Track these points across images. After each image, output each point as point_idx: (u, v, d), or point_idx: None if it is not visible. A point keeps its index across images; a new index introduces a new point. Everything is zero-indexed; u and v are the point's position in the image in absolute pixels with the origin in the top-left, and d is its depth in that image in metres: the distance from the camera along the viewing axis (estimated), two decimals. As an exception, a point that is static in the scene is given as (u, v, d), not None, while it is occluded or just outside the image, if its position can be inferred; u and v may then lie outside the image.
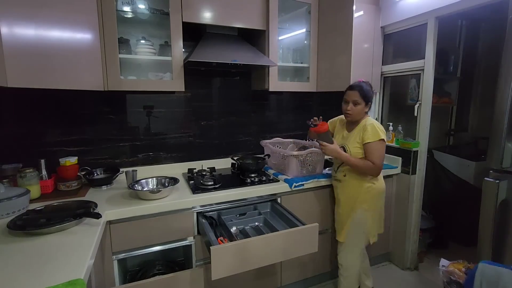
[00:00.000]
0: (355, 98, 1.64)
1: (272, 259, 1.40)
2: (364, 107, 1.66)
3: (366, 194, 1.70)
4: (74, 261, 0.98)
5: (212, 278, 1.25)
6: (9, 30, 1.31)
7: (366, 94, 1.64)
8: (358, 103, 1.64)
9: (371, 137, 1.60)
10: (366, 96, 1.64)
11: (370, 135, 1.60)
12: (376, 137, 1.60)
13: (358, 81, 1.69)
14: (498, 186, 1.43)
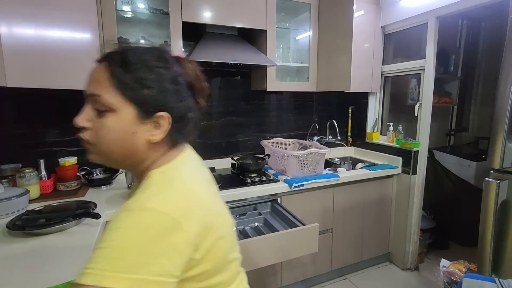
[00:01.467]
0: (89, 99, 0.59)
1: (272, 260, 1.39)
2: (150, 130, 0.59)
3: None
4: (74, 261, 0.98)
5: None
6: (9, 30, 1.31)
7: (126, 87, 0.56)
8: (99, 113, 0.57)
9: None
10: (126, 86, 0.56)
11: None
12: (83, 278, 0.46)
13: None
14: (499, 186, 1.42)
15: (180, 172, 0.59)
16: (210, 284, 0.57)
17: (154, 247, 0.45)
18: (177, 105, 0.60)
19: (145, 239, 0.45)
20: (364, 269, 2.36)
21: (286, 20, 2.31)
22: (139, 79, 0.55)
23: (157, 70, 0.57)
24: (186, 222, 0.49)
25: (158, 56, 0.58)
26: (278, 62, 2.11)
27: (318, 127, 2.60)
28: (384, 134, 2.56)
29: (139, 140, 0.58)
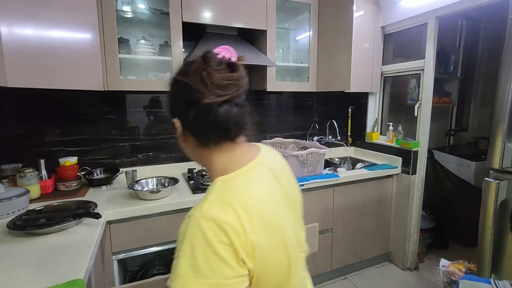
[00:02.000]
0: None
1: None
2: (179, 134, 0.65)
3: None
4: (74, 261, 0.98)
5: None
6: (9, 30, 1.31)
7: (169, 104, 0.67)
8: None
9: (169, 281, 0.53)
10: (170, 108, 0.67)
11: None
12: (170, 281, 0.52)
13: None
14: (498, 186, 1.43)
15: (240, 185, 0.58)
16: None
17: (220, 252, 0.49)
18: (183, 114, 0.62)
19: (210, 246, 0.49)
20: (364, 269, 2.36)
21: (286, 20, 2.31)
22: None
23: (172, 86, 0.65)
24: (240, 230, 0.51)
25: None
26: (278, 62, 2.11)
27: (318, 127, 2.60)
28: (384, 134, 2.56)
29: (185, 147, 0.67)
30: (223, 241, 0.50)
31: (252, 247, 0.52)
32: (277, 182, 0.64)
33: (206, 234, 0.50)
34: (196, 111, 0.59)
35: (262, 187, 0.60)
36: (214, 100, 0.57)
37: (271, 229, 0.57)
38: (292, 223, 0.65)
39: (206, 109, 0.58)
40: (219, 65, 0.60)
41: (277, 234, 0.58)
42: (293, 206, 0.68)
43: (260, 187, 0.60)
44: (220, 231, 0.50)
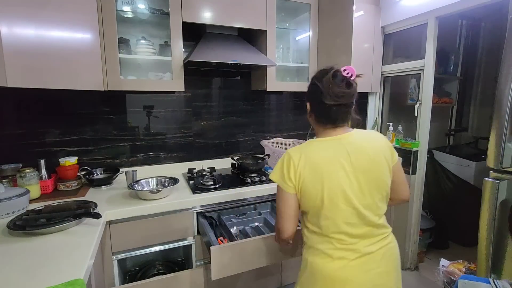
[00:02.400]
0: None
1: (272, 260, 1.39)
2: (308, 113, 1.10)
3: (301, 271, 1.04)
4: (74, 261, 0.98)
5: (212, 278, 1.26)
6: (9, 30, 1.31)
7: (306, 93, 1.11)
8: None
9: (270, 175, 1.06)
10: (306, 94, 1.11)
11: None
12: (270, 174, 1.04)
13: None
14: (498, 186, 1.43)
15: (311, 145, 1.00)
16: (314, 219, 0.97)
17: (285, 168, 0.97)
18: (311, 97, 1.07)
19: (283, 164, 0.99)
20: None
21: (286, 20, 2.31)
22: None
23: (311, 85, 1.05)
24: (295, 163, 0.96)
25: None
26: (278, 62, 2.11)
27: (318, 127, 2.60)
28: (384, 134, 2.56)
29: (309, 119, 1.11)
30: (288, 164, 0.97)
31: (299, 175, 0.95)
32: (346, 154, 0.95)
33: (284, 158, 0.99)
34: (320, 105, 0.99)
35: (326, 151, 0.97)
36: (331, 103, 0.94)
37: (315, 172, 0.94)
38: (341, 180, 0.93)
39: (325, 105, 0.96)
40: (341, 82, 0.94)
41: (318, 177, 0.93)
42: (356, 174, 0.94)
43: (324, 150, 0.97)
44: (289, 160, 0.97)
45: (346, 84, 0.94)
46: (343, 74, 0.94)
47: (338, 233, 0.94)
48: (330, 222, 0.93)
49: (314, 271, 0.97)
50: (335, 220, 0.93)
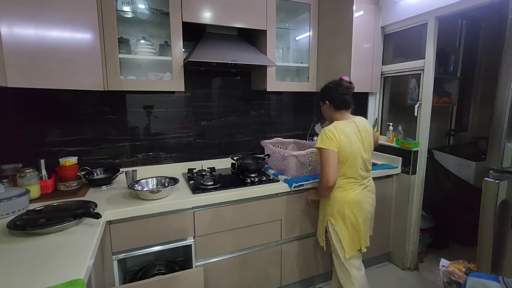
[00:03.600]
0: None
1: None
2: (325, 106, 1.66)
3: (329, 206, 1.64)
4: (74, 261, 0.98)
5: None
6: (9, 30, 1.31)
7: (320, 94, 1.69)
8: (320, 105, 1.72)
9: (316, 145, 1.59)
10: (321, 94, 1.69)
11: (316, 142, 1.59)
12: (316, 144, 1.57)
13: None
14: (498, 186, 1.42)
15: (338, 124, 1.58)
16: (343, 169, 1.58)
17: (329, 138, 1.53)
18: (329, 97, 1.64)
19: (326, 135, 1.54)
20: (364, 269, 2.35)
21: (286, 20, 2.31)
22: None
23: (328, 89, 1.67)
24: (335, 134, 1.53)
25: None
26: (278, 62, 2.11)
27: (318, 127, 2.60)
28: (383, 134, 2.56)
29: (326, 111, 1.69)
30: (331, 135, 1.52)
31: (339, 142, 1.52)
32: (357, 130, 1.60)
33: (325, 133, 1.54)
34: (338, 98, 1.61)
35: (348, 127, 1.58)
36: (344, 93, 1.61)
37: (346, 138, 1.53)
38: (358, 144, 1.58)
39: (341, 96, 1.60)
40: (346, 82, 1.63)
41: (348, 141, 1.54)
42: (362, 142, 1.60)
43: (347, 127, 1.57)
44: (330, 132, 1.53)
45: (349, 83, 1.63)
46: (344, 79, 1.65)
47: (356, 175, 1.60)
48: (353, 169, 1.58)
49: (342, 200, 1.60)
50: (356, 167, 1.59)
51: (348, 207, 1.60)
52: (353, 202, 1.61)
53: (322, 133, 1.55)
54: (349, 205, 1.60)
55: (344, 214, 1.61)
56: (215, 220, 1.69)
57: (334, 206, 1.62)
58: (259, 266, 1.87)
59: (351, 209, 1.60)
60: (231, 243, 1.76)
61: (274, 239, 1.89)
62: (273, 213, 1.85)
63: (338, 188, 1.61)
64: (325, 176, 1.53)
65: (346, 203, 1.60)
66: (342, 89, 1.59)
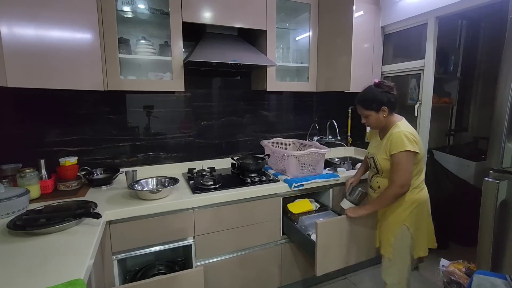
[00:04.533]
0: (361, 112, 1.58)
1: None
2: (379, 114, 1.51)
3: (407, 210, 1.53)
4: (74, 261, 0.98)
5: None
6: (9, 30, 1.31)
7: (370, 103, 1.52)
8: (367, 115, 1.55)
9: (394, 148, 1.45)
10: (371, 104, 1.52)
11: (393, 145, 1.45)
12: (399, 147, 1.43)
13: (370, 85, 1.59)
14: (498, 186, 1.42)
15: (405, 124, 1.55)
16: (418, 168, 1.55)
17: (409, 139, 1.45)
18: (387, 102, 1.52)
19: (410, 137, 1.46)
20: (364, 269, 2.36)
21: (286, 20, 2.31)
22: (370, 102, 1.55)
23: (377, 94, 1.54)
24: (415, 135, 1.49)
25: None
26: (278, 62, 2.11)
27: (318, 127, 2.60)
28: (384, 134, 2.55)
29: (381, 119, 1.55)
30: (413, 138, 1.46)
31: (419, 143, 1.48)
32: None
33: (406, 136, 1.44)
34: (393, 103, 1.53)
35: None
36: (395, 93, 1.53)
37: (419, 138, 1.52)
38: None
39: (395, 96, 1.53)
40: (389, 83, 1.54)
41: (419, 139, 1.51)
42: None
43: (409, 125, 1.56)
44: (411, 135, 1.46)
45: (389, 82, 1.56)
46: (379, 81, 1.57)
47: (423, 173, 1.61)
48: (422, 166, 1.58)
49: (423, 199, 1.58)
50: (423, 164, 1.62)
51: (426, 206, 1.59)
52: (428, 199, 1.61)
53: (403, 136, 1.43)
54: (428, 204, 1.59)
55: (424, 213, 1.57)
56: (215, 220, 1.69)
57: (414, 208, 1.53)
58: (259, 266, 1.87)
59: (428, 208, 1.60)
60: (231, 243, 1.76)
61: (274, 239, 1.89)
62: (273, 213, 1.85)
63: (416, 189, 1.55)
64: (401, 181, 1.44)
65: (426, 202, 1.58)
66: (391, 89, 1.51)
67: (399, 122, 1.53)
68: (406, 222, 1.53)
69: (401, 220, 1.54)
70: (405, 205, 1.53)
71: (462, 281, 1.76)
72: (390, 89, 1.51)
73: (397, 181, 1.45)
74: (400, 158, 1.44)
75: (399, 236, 1.55)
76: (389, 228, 1.59)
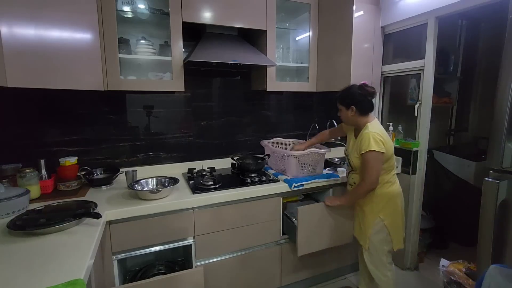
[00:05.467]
0: (338, 105, 1.69)
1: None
2: (349, 112, 1.62)
3: (380, 203, 1.65)
4: (74, 261, 0.98)
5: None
6: (9, 30, 1.31)
7: (343, 99, 1.65)
8: (339, 109, 1.68)
9: (363, 148, 1.55)
10: (344, 100, 1.64)
11: (362, 146, 1.56)
12: (366, 147, 1.54)
13: (354, 84, 1.69)
14: (498, 186, 1.42)
15: (375, 124, 1.62)
16: (387, 165, 1.62)
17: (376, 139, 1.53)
18: (357, 103, 1.61)
19: (377, 138, 1.54)
20: (364, 269, 2.35)
21: (286, 20, 2.31)
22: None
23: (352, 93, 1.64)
24: (385, 139, 1.58)
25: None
26: (278, 62, 2.11)
27: (318, 127, 2.60)
28: (384, 134, 2.55)
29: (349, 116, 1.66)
30: (380, 137, 1.54)
31: (385, 142, 1.56)
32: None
33: (373, 137, 1.53)
34: (365, 102, 1.60)
35: (380, 125, 1.66)
36: (371, 98, 1.62)
37: (386, 135, 1.60)
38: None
39: (369, 101, 1.61)
40: (370, 88, 1.61)
41: (388, 137, 1.60)
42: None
43: (380, 125, 1.65)
44: (378, 135, 1.55)
45: (371, 87, 1.61)
46: (366, 83, 1.63)
47: (394, 168, 1.68)
48: (393, 162, 1.66)
49: (394, 193, 1.66)
50: (393, 160, 1.66)
51: (399, 199, 1.69)
52: (400, 193, 1.71)
53: (370, 137, 1.53)
54: (400, 197, 1.70)
55: (397, 206, 1.67)
56: (215, 220, 1.69)
57: (386, 202, 1.65)
58: (259, 266, 1.87)
59: (401, 201, 1.70)
60: (231, 243, 1.76)
61: (274, 239, 1.89)
62: (273, 213, 1.85)
63: (386, 183, 1.65)
64: (371, 179, 1.55)
65: (398, 195, 1.68)
66: (369, 94, 1.60)
67: (370, 123, 1.61)
68: (381, 214, 1.65)
69: (375, 212, 1.66)
70: (378, 198, 1.65)
71: (462, 281, 1.76)
72: (368, 94, 1.60)
73: (366, 179, 1.57)
74: (368, 157, 1.55)
75: (375, 228, 1.67)
76: (365, 220, 1.70)
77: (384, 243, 1.68)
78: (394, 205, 1.67)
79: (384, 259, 1.70)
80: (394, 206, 1.67)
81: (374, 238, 1.68)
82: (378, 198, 1.65)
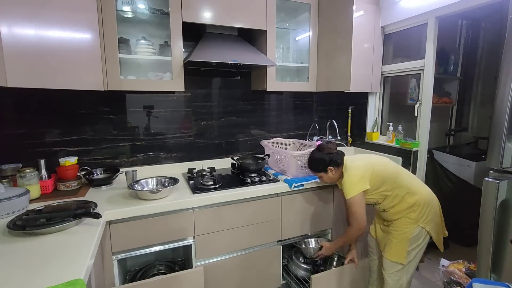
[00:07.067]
0: (315, 174, 1.72)
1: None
2: (330, 173, 1.63)
3: (413, 213, 1.57)
4: (74, 261, 0.98)
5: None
6: (9, 30, 1.31)
7: (317, 167, 1.66)
8: (319, 176, 1.70)
9: (345, 195, 1.59)
10: (318, 167, 1.65)
11: (344, 193, 1.59)
12: (346, 195, 1.57)
13: (313, 149, 1.73)
14: (498, 186, 1.42)
15: (353, 163, 1.63)
16: (386, 189, 1.58)
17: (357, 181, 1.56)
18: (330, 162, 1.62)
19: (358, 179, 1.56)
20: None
21: (286, 20, 2.31)
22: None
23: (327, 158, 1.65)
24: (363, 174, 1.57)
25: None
26: (278, 62, 2.11)
27: (318, 127, 2.60)
28: (384, 134, 2.56)
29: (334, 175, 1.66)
30: (356, 179, 1.56)
31: (367, 176, 1.57)
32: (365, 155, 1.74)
33: (350, 178, 1.57)
34: (337, 159, 1.62)
35: (359, 156, 1.73)
36: (335, 151, 1.64)
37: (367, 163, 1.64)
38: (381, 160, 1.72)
39: (336, 154, 1.63)
40: (329, 145, 1.67)
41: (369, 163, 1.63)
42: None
43: (358, 157, 1.71)
44: (354, 176, 1.57)
45: (328, 143, 1.70)
46: (321, 142, 1.75)
47: (399, 187, 1.59)
48: (391, 185, 1.59)
49: (420, 201, 1.59)
50: (392, 181, 1.60)
51: (432, 206, 1.63)
52: (431, 201, 1.63)
53: (347, 182, 1.56)
54: (431, 204, 1.63)
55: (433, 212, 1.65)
56: (215, 220, 1.69)
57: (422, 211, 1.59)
58: (259, 266, 1.87)
59: (435, 208, 1.66)
60: (231, 243, 1.76)
61: (274, 239, 1.89)
62: (273, 213, 1.85)
63: (401, 202, 1.58)
64: (358, 223, 1.58)
65: (429, 202, 1.61)
66: (331, 149, 1.64)
67: (344, 167, 1.63)
68: (420, 222, 1.57)
69: (413, 222, 1.57)
70: (412, 210, 1.58)
71: (462, 281, 1.77)
72: (329, 150, 1.64)
73: (353, 224, 1.61)
74: (350, 202, 1.58)
75: (415, 238, 1.58)
76: (401, 235, 1.59)
77: (421, 252, 1.67)
78: (430, 211, 1.60)
79: (413, 269, 1.69)
80: (431, 212, 1.61)
81: (413, 252, 1.62)
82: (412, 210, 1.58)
